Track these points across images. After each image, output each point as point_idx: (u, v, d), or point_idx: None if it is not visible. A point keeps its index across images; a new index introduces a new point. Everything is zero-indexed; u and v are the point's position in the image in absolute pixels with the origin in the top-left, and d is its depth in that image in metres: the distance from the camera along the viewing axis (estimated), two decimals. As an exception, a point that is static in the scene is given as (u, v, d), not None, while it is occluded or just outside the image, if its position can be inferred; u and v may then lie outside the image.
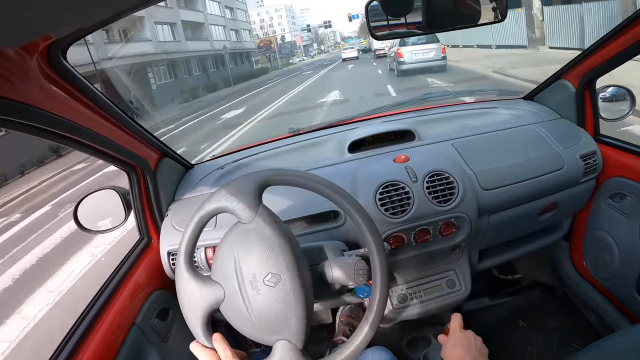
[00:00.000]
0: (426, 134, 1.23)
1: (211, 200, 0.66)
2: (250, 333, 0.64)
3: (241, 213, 0.64)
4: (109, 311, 0.88)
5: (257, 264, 0.62)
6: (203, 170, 1.25)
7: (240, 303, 0.62)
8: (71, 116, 0.70)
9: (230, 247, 0.64)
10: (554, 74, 1.28)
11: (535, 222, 1.21)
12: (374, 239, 0.66)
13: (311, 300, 0.66)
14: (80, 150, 0.80)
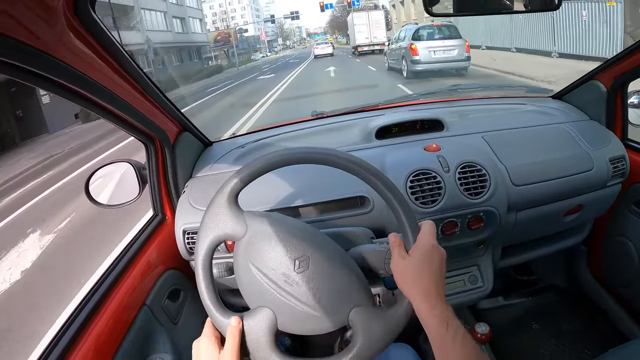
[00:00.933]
0: (455, 125, 1.26)
1: (204, 232, 0.68)
2: (320, 328, 0.67)
3: (233, 233, 0.67)
4: (118, 290, 0.88)
5: (279, 262, 0.65)
6: (222, 149, 1.27)
7: (293, 307, 0.65)
8: (94, 75, 0.70)
9: (245, 265, 0.67)
10: (587, 74, 1.31)
11: (559, 223, 1.25)
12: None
13: (350, 260, 0.70)
14: (99, 114, 0.80)
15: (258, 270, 0.66)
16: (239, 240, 0.67)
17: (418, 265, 0.61)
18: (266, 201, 1.00)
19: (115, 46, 0.72)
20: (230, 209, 0.68)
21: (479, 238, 1.10)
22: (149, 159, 1.07)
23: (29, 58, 0.54)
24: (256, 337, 0.65)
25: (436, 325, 0.56)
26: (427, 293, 0.59)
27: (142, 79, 0.86)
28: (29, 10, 0.51)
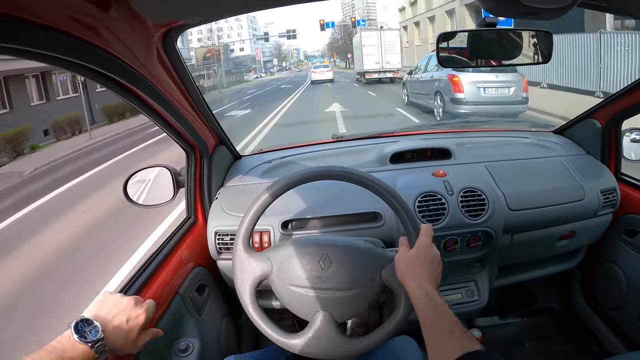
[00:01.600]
0: (462, 154, 1.45)
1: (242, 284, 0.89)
2: (365, 302, 0.88)
3: (263, 273, 0.89)
4: (155, 279, 1.05)
5: (308, 271, 0.87)
6: (250, 162, 1.49)
7: (339, 298, 0.87)
8: (164, 90, 0.90)
9: (286, 290, 0.89)
10: (585, 112, 1.50)
11: (553, 247, 1.40)
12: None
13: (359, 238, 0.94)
14: (157, 122, 1.00)
15: (297, 287, 0.88)
16: (270, 274, 0.90)
17: (415, 256, 0.82)
18: (287, 211, 1.20)
19: (184, 70, 0.95)
20: (250, 256, 0.91)
21: (477, 255, 1.28)
22: (189, 165, 1.27)
23: (120, 70, 0.72)
24: (327, 337, 0.87)
25: (421, 300, 0.75)
26: (419, 277, 0.79)
27: (198, 97, 1.08)
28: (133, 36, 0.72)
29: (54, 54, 0.55)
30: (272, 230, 1.17)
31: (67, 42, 0.56)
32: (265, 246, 1.17)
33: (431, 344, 0.69)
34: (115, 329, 0.73)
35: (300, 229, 1.20)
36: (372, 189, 0.90)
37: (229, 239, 1.21)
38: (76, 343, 0.67)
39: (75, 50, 0.58)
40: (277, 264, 0.89)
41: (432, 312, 0.72)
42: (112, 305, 0.76)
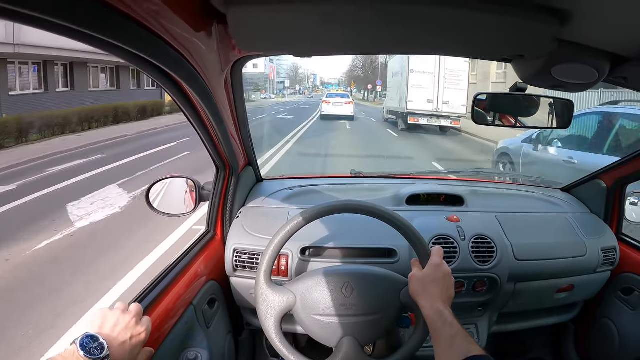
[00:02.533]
0: (474, 202, 1.59)
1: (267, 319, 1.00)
2: (387, 325, 1.01)
3: (287, 305, 1.00)
4: (171, 289, 1.15)
5: (331, 300, 0.99)
6: (272, 187, 1.64)
7: (362, 323, 0.99)
8: (221, 107, 1.03)
9: (310, 320, 1.01)
10: (593, 173, 1.66)
11: (552, 299, 1.51)
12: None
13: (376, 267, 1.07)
14: (202, 134, 1.12)
15: (322, 316, 1.01)
16: (294, 306, 1.02)
17: (427, 276, 0.94)
18: (307, 238, 1.31)
19: (241, 93, 1.13)
20: (273, 290, 1.03)
21: (481, 300, 1.39)
22: (217, 181, 1.40)
23: (194, 82, 0.79)
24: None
25: (432, 315, 0.87)
26: (431, 295, 0.92)
27: (244, 119, 1.24)
28: (216, 55, 0.86)
29: (143, 54, 0.59)
30: (290, 255, 1.28)
31: (160, 47, 0.62)
32: (282, 269, 1.28)
33: (436, 353, 0.81)
34: (120, 347, 0.77)
35: (317, 257, 1.31)
36: (398, 228, 1.03)
37: (247, 257, 1.32)
38: (81, 359, 0.70)
39: (163, 57, 0.64)
40: (300, 295, 1.01)
41: (440, 325, 0.84)
42: (114, 322, 0.80)
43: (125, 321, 0.81)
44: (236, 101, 1.16)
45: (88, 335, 0.74)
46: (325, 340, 1.03)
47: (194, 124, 1.04)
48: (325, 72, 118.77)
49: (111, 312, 0.82)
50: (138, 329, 0.82)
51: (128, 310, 0.84)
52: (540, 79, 0.83)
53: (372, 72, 54.85)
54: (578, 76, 0.79)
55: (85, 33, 0.47)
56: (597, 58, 0.74)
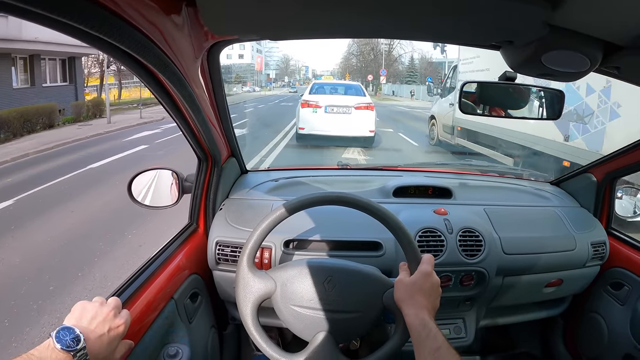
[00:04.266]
0: (462, 195, 1.65)
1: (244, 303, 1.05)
2: (366, 324, 1.05)
3: (266, 292, 1.04)
4: (151, 283, 1.18)
5: (312, 292, 1.01)
6: (256, 178, 1.69)
7: (341, 320, 1.03)
8: (198, 95, 1.04)
9: (288, 310, 1.05)
10: (583, 167, 1.74)
11: (540, 293, 1.58)
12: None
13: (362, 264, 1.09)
14: (180, 124, 1.16)
15: (300, 307, 1.04)
16: (273, 294, 1.05)
17: (415, 284, 0.96)
18: (290, 231, 1.35)
19: (220, 80, 1.14)
20: (254, 274, 1.07)
21: (468, 294, 1.45)
22: (199, 173, 1.44)
23: (167, 69, 0.83)
24: (326, 358, 1.02)
25: (417, 326, 0.89)
26: (416, 304, 0.94)
27: (224, 108, 1.27)
28: (188, 41, 0.87)
29: (108, 38, 0.60)
30: (273, 247, 1.33)
31: (125, 30, 0.62)
32: (265, 262, 1.32)
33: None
34: (98, 339, 0.80)
35: (301, 250, 1.35)
36: (383, 220, 1.05)
37: (229, 250, 1.36)
38: (57, 352, 0.72)
39: (130, 40, 0.65)
40: (281, 283, 1.04)
41: (424, 337, 0.86)
42: (93, 315, 0.82)
43: (103, 314, 0.84)
44: (215, 90, 1.19)
45: (64, 328, 0.76)
46: (300, 333, 1.06)
47: (170, 112, 1.07)
48: (318, 64, 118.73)
49: (89, 305, 0.84)
50: (116, 321, 0.85)
51: (106, 303, 0.87)
52: (530, 67, 0.86)
53: (374, 59, 52.36)
54: (569, 64, 0.82)
55: (47, 16, 0.48)
56: (590, 46, 0.75)
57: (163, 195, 1.48)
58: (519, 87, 1.18)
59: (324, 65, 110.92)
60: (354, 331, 1.08)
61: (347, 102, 9.78)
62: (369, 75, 45.96)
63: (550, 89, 1.22)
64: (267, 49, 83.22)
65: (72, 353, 0.74)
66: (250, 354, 1.75)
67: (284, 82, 75.89)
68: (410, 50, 53.15)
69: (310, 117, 9.53)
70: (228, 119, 1.37)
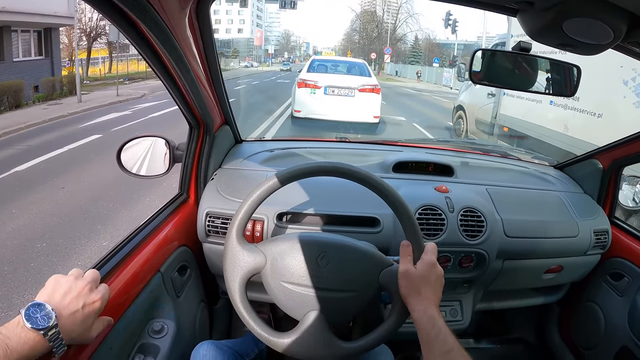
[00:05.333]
0: (463, 174, 1.62)
1: (231, 278, 0.99)
2: (361, 304, 1.00)
3: (256, 266, 0.99)
4: (138, 254, 1.15)
5: (304, 268, 0.96)
6: (251, 148, 1.65)
7: (333, 299, 0.98)
8: (188, 56, 1.00)
9: (278, 286, 0.99)
10: (588, 152, 1.72)
11: (539, 279, 1.58)
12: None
13: (358, 241, 1.04)
14: (169, 87, 1.12)
15: (291, 284, 0.99)
16: (263, 269, 1.00)
17: (420, 276, 0.92)
18: (284, 203, 1.32)
19: (211, 41, 1.08)
20: (243, 247, 1.01)
21: (467, 276, 1.44)
22: (190, 140, 1.40)
23: (151, 20, 0.80)
24: (317, 338, 0.98)
25: (425, 323, 0.86)
26: (423, 297, 0.90)
27: (216, 72, 1.21)
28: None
29: None
30: (266, 220, 1.29)
31: None
32: (257, 236, 1.29)
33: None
34: (71, 316, 0.76)
35: (295, 223, 1.32)
36: (382, 194, 1.00)
37: (220, 222, 1.32)
38: (26, 330, 0.68)
39: None
40: (271, 258, 0.99)
41: (433, 336, 0.83)
42: (66, 289, 0.78)
43: (78, 288, 0.79)
44: (206, 51, 1.14)
45: (34, 304, 0.72)
46: (291, 311, 1.02)
47: (158, 73, 1.03)
48: (319, 41, 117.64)
49: (63, 279, 0.80)
50: (92, 297, 0.80)
51: (82, 277, 0.82)
52: (549, 35, 0.81)
53: (377, 37, 51.26)
54: (591, 35, 0.77)
55: None
56: (615, 16, 0.71)
57: (154, 165, 1.44)
58: (533, 58, 1.13)
59: (325, 43, 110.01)
60: (348, 311, 1.04)
61: (350, 83, 8.69)
62: (372, 54, 44.60)
63: (567, 63, 1.18)
64: (267, 24, 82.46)
65: (43, 332, 0.70)
66: (241, 329, 1.74)
67: (283, 58, 75.56)
68: (416, 29, 52.38)
69: (308, 99, 8.56)
70: (221, 84, 1.32)
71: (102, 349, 0.92)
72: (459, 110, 8.86)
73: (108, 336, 0.94)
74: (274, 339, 0.98)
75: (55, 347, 0.72)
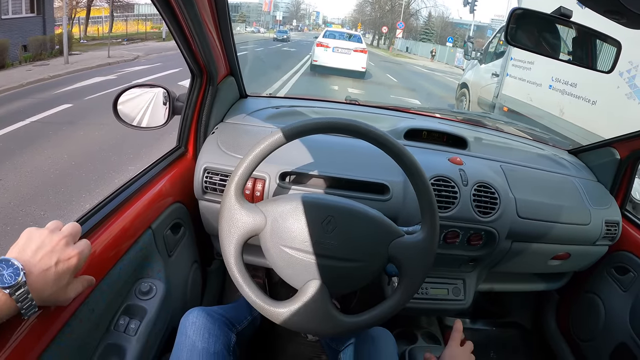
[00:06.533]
0: (478, 148, 1.59)
1: (227, 238, 0.93)
2: (366, 276, 0.95)
3: (255, 227, 0.92)
4: (128, 207, 1.10)
5: (308, 233, 0.90)
6: (256, 104, 1.59)
7: (337, 268, 0.93)
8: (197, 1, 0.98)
9: (278, 251, 0.93)
10: (605, 140, 1.68)
11: (545, 265, 1.56)
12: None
13: (368, 207, 0.98)
14: (174, 32, 1.08)
15: (292, 249, 0.91)
16: (262, 231, 0.93)
17: None
18: (288, 162, 1.27)
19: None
20: (242, 206, 0.94)
21: (474, 254, 1.41)
22: (191, 90, 1.33)
23: None
24: (317, 310, 0.92)
25: None
26: None
27: (225, 22, 1.16)
28: None
29: None
30: (267, 179, 1.24)
31: None
32: (257, 195, 1.24)
33: None
34: (42, 274, 0.70)
35: (299, 184, 1.27)
36: (400, 161, 0.94)
37: (218, 178, 1.26)
38: None
39: None
40: (272, 219, 0.92)
41: None
42: (38, 244, 0.73)
43: (52, 243, 0.73)
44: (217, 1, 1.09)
45: (1, 259, 0.67)
46: (290, 279, 0.96)
47: (161, 10, 0.99)
48: (329, 11, 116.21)
49: (37, 232, 0.74)
50: (68, 252, 0.74)
51: (59, 231, 0.76)
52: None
53: (391, 10, 50.07)
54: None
55: None
56: None
57: (153, 116, 1.38)
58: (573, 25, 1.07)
59: (335, 13, 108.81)
60: (352, 282, 0.97)
61: (349, 46, 14.54)
62: (384, 27, 44.01)
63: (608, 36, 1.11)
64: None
65: (9, 290, 0.65)
66: (234, 294, 1.71)
67: (291, 25, 74.79)
68: (432, 4, 51.45)
69: (322, 54, 14.30)
70: (229, 32, 1.25)
71: (83, 310, 0.87)
72: (462, 87, 9.47)
73: (90, 296, 0.89)
74: (270, 309, 0.92)
75: (25, 308, 0.67)
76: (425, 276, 0.95)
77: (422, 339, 1.63)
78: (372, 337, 1.14)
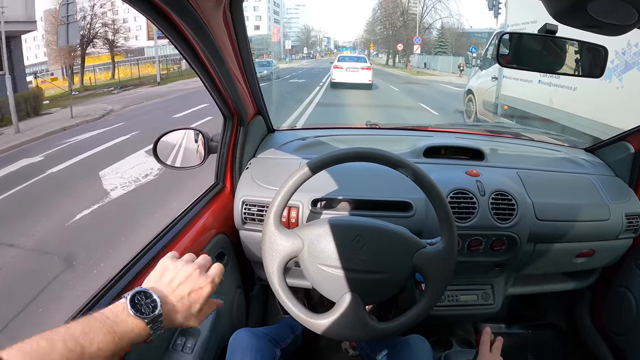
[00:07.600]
0: (494, 158, 1.70)
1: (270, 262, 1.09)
2: (394, 286, 1.10)
3: (293, 250, 1.07)
4: (177, 242, 1.26)
5: (340, 251, 1.04)
6: (284, 137, 1.76)
7: (368, 280, 1.07)
8: (223, 49, 1.11)
9: (316, 269, 1.07)
10: (619, 135, 1.76)
11: (570, 263, 1.63)
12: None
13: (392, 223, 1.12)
14: (205, 80, 1.22)
15: (328, 267, 1.07)
16: (300, 252, 1.09)
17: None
18: (318, 189, 1.41)
19: (244, 34, 1.19)
20: (281, 233, 1.10)
21: (498, 260, 1.50)
22: (225, 131, 1.50)
23: (188, 15, 0.89)
24: (353, 319, 1.07)
25: None
26: None
27: (249, 64, 1.32)
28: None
29: None
30: (301, 206, 1.39)
31: None
32: (292, 222, 1.38)
33: None
34: (176, 304, 0.76)
35: (329, 209, 1.41)
36: (417, 180, 1.08)
37: (256, 209, 1.43)
38: (131, 317, 0.69)
39: None
40: (308, 242, 1.08)
41: None
42: (173, 275, 0.79)
43: (186, 273, 0.79)
44: (239, 43, 1.23)
45: (140, 291, 0.72)
46: (327, 293, 1.10)
47: (194, 67, 1.12)
48: (340, 35, 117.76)
49: (172, 264, 0.81)
50: (201, 281, 0.80)
51: (193, 262, 0.84)
52: (574, 16, 0.84)
53: (403, 26, 48.22)
54: (615, 16, 0.80)
55: None
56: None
57: (190, 156, 1.55)
58: (560, 41, 1.19)
59: (346, 36, 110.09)
60: (382, 292, 1.12)
61: (357, 65, 18.93)
62: (399, 44, 42.84)
63: (593, 44, 1.23)
64: (285, 19, 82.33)
65: (147, 321, 0.70)
66: (276, 316, 1.84)
67: (303, 54, 75.25)
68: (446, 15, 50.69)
69: (338, 74, 18.57)
70: (254, 75, 1.42)
71: None
72: (468, 94, 10.44)
73: None
74: (312, 320, 1.07)
75: (153, 333, 0.73)
76: (448, 282, 1.08)
77: (457, 345, 1.71)
78: (408, 344, 1.26)
